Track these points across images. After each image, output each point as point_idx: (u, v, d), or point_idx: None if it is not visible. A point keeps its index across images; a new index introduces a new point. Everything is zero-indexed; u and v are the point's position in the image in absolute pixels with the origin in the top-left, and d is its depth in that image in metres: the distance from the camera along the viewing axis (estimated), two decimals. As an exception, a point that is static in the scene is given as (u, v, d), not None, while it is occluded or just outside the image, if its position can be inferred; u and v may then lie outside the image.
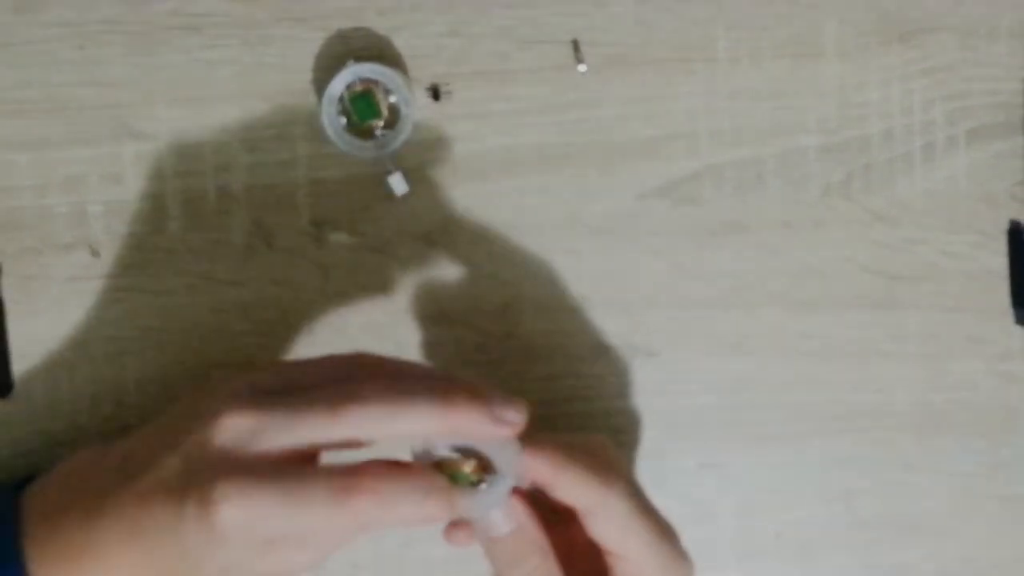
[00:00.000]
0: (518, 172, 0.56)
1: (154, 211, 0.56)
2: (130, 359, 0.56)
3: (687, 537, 0.49)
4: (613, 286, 0.57)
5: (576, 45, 0.56)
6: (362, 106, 0.54)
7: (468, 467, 0.46)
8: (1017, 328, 0.57)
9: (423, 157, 0.56)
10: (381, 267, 0.56)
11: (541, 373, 0.57)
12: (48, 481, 0.50)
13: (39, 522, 0.48)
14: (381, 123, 0.55)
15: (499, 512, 0.47)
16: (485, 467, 0.46)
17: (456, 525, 0.49)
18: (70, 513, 0.47)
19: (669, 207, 0.57)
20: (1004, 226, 0.57)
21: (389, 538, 0.57)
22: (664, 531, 0.48)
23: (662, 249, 0.57)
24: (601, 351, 0.57)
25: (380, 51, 0.56)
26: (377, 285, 0.56)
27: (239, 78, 0.55)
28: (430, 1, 0.55)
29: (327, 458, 0.47)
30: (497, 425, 0.45)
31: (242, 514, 0.43)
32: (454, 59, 0.56)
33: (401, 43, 0.56)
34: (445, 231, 0.56)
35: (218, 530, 0.43)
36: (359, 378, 0.46)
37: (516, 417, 0.45)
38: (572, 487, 0.47)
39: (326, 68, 0.55)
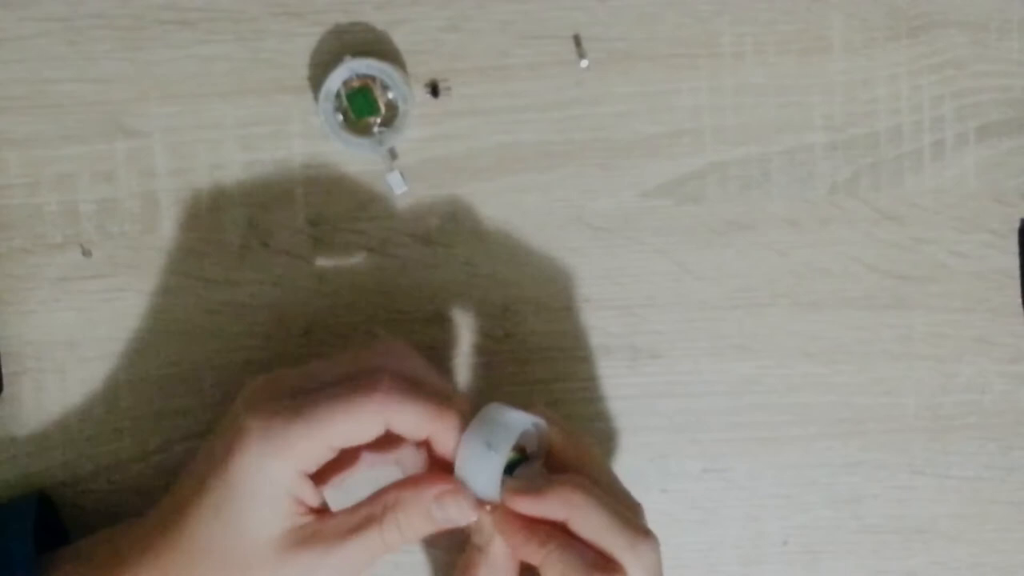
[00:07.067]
0: (518, 170, 0.56)
1: (147, 210, 0.55)
2: (122, 360, 0.55)
3: (692, 541, 0.48)
4: (615, 286, 0.56)
5: (578, 40, 0.55)
6: (359, 103, 0.54)
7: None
8: (1027, 329, 0.57)
9: (422, 155, 0.55)
10: (379, 267, 0.56)
11: (542, 375, 0.56)
12: (85, 541, 0.52)
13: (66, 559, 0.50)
14: (379, 120, 0.54)
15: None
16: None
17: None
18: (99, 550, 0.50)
19: (673, 205, 0.56)
20: (1014, 225, 0.56)
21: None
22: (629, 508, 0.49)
23: (665, 248, 0.56)
24: (603, 352, 0.56)
25: (378, 46, 0.55)
26: (375, 285, 0.56)
27: (233, 74, 0.55)
28: (429, -5, 0.55)
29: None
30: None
31: (261, 419, 0.45)
32: (453, 54, 0.55)
33: (399, 38, 0.55)
34: (444, 230, 0.56)
35: (238, 445, 0.45)
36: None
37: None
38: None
39: (323, 64, 0.55)
